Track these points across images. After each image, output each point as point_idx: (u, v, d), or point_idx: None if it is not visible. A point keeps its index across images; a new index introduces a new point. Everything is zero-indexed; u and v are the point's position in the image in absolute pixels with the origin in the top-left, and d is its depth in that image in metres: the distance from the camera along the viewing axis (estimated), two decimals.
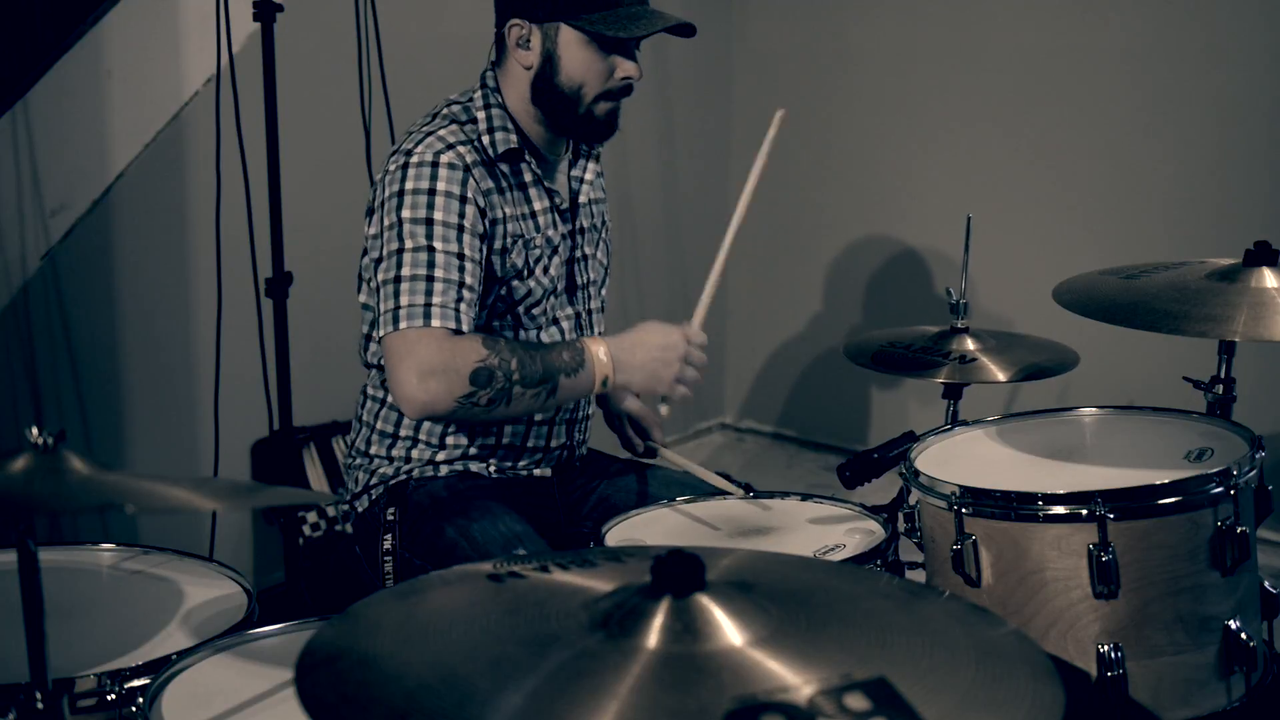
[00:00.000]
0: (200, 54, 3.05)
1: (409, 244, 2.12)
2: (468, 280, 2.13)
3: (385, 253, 2.14)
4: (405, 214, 2.13)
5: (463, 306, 2.11)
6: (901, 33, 4.15)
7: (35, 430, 1.35)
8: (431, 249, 2.11)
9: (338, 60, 3.20)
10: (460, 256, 2.13)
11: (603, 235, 2.45)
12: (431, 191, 2.13)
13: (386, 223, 2.15)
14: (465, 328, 2.11)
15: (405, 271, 2.10)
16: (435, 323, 2.08)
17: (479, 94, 2.26)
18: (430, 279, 2.10)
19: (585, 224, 2.38)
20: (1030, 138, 3.93)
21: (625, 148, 4.08)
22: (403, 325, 2.08)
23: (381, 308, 2.12)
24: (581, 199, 2.37)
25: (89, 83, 2.97)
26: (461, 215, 2.14)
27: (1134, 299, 2.16)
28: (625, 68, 2.21)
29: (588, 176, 2.39)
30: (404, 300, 2.09)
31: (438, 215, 2.13)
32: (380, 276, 2.14)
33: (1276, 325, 2.04)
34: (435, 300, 2.09)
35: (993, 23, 3.96)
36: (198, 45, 3.05)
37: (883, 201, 4.27)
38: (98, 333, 3.05)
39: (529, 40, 2.20)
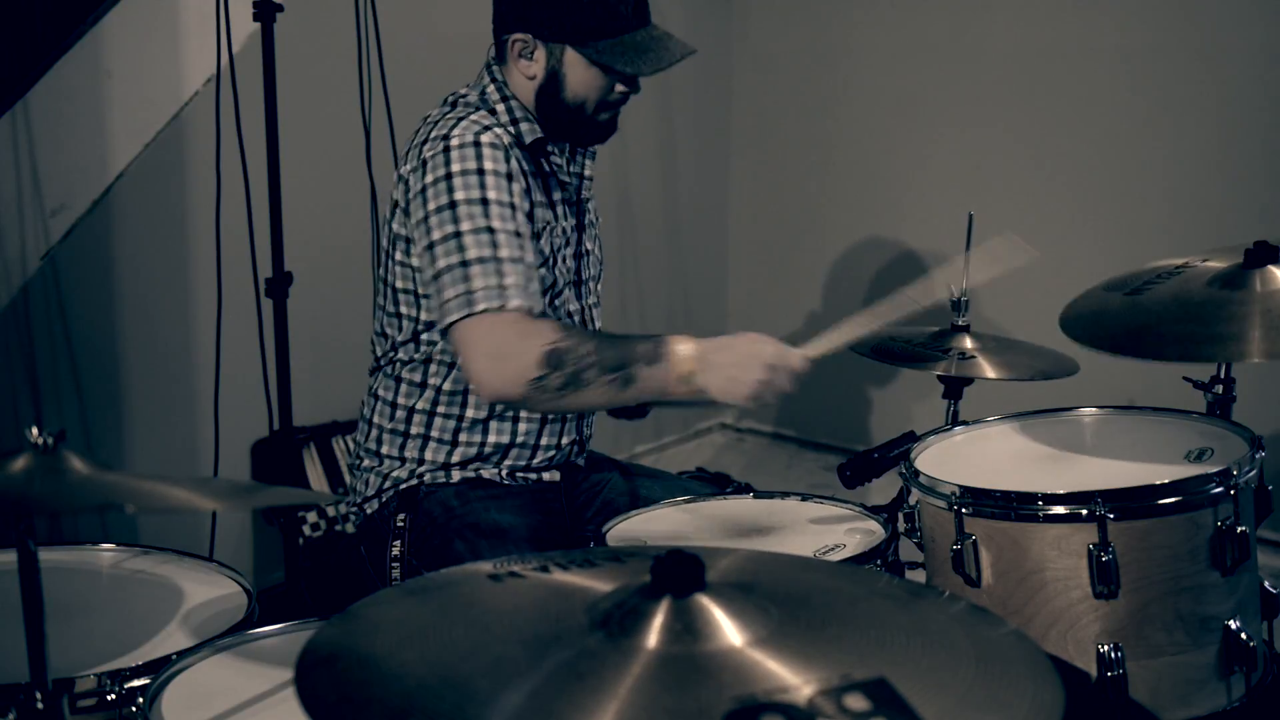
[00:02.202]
0: (200, 54, 3.05)
1: (467, 225, 2.08)
2: (528, 258, 2.10)
3: (439, 237, 2.09)
4: (459, 195, 2.10)
5: (533, 286, 2.09)
6: (902, 33, 4.15)
7: (35, 430, 1.35)
8: (492, 229, 2.08)
9: (338, 60, 3.20)
10: (518, 234, 2.10)
11: (597, 231, 2.45)
12: (480, 171, 2.11)
13: (434, 206, 2.11)
14: (539, 306, 2.09)
15: (471, 254, 2.07)
16: (513, 303, 2.05)
17: (491, 87, 2.25)
18: (498, 259, 2.07)
19: (586, 220, 2.38)
20: (1030, 137, 3.93)
21: (625, 148, 4.08)
22: (479, 308, 2.04)
23: (448, 294, 2.07)
24: (584, 193, 2.38)
25: (89, 83, 2.97)
26: (511, 193, 2.12)
27: (1141, 322, 2.14)
28: (624, 86, 2.23)
29: (586, 173, 2.39)
30: (477, 283, 2.05)
31: (491, 194, 2.10)
32: (440, 263, 2.08)
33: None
34: (509, 281, 2.06)
35: (992, 22, 3.96)
36: (198, 45, 3.05)
37: (883, 201, 4.28)
38: (98, 333, 3.05)
39: (533, 54, 2.20)
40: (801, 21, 4.35)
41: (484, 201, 2.10)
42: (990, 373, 2.45)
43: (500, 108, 2.23)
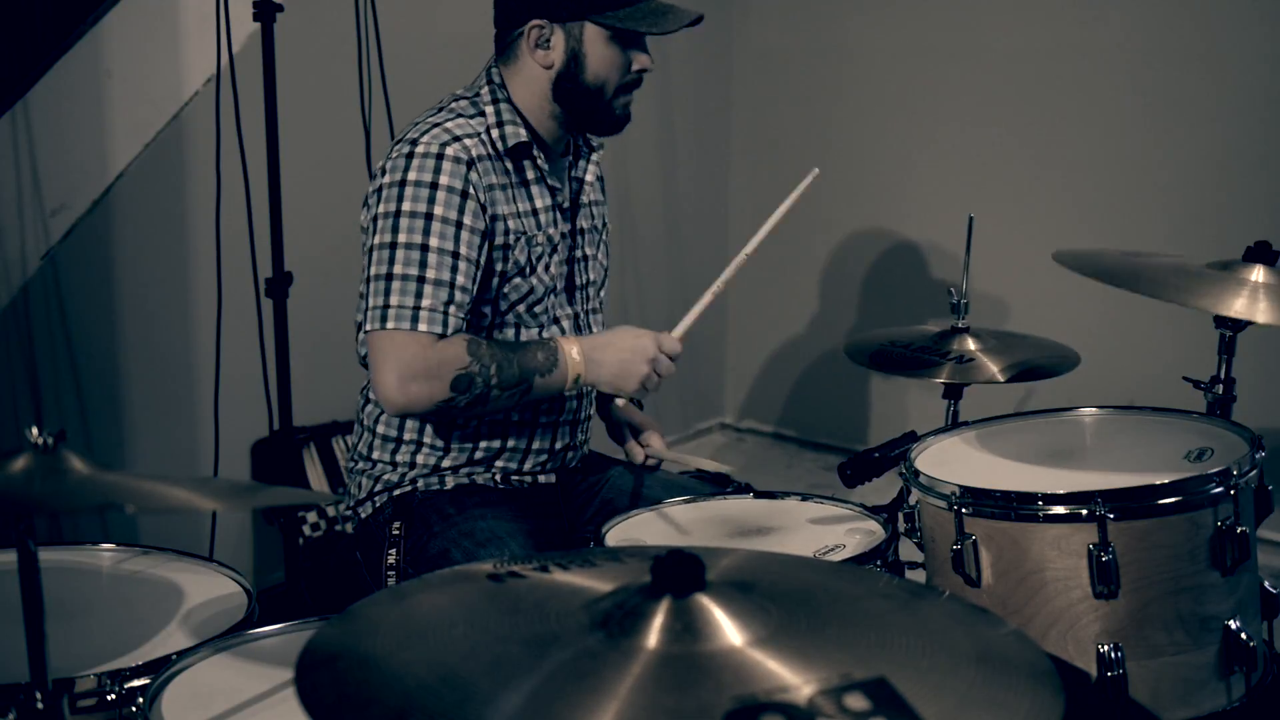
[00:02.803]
0: (200, 54, 3.05)
1: (403, 238, 2.12)
2: (460, 280, 2.13)
3: (378, 243, 2.14)
4: (405, 206, 2.13)
5: (451, 309, 2.12)
6: (902, 32, 4.15)
7: (35, 430, 1.35)
8: (426, 247, 2.11)
9: (338, 60, 3.20)
10: (455, 255, 2.13)
11: (603, 237, 2.45)
12: (434, 185, 2.13)
13: (383, 210, 2.14)
14: (450, 331, 2.12)
15: (397, 269, 2.11)
16: (422, 327, 2.10)
17: (486, 89, 2.26)
18: (421, 279, 2.11)
19: (585, 224, 2.38)
20: (1031, 137, 3.93)
21: (625, 148, 4.08)
22: (390, 325, 2.10)
23: (370, 302, 2.13)
24: (582, 199, 2.37)
25: (89, 83, 2.97)
26: (461, 211, 2.14)
27: (1137, 268, 2.16)
28: (641, 60, 2.24)
29: (588, 178, 2.39)
30: (394, 300, 2.10)
31: (438, 210, 2.13)
32: (372, 270, 2.14)
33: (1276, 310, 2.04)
34: (424, 303, 2.10)
35: (993, 22, 3.96)
36: (198, 45, 3.05)
37: (883, 201, 4.28)
38: (98, 333, 3.05)
39: (549, 40, 2.21)
40: (801, 21, 4.35)
41: (428, 216, 2.12)
42: (992, 374, 2.45)
43: (489, 110, 2.23)
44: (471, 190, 2.15)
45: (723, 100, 4.54)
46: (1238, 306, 2.05)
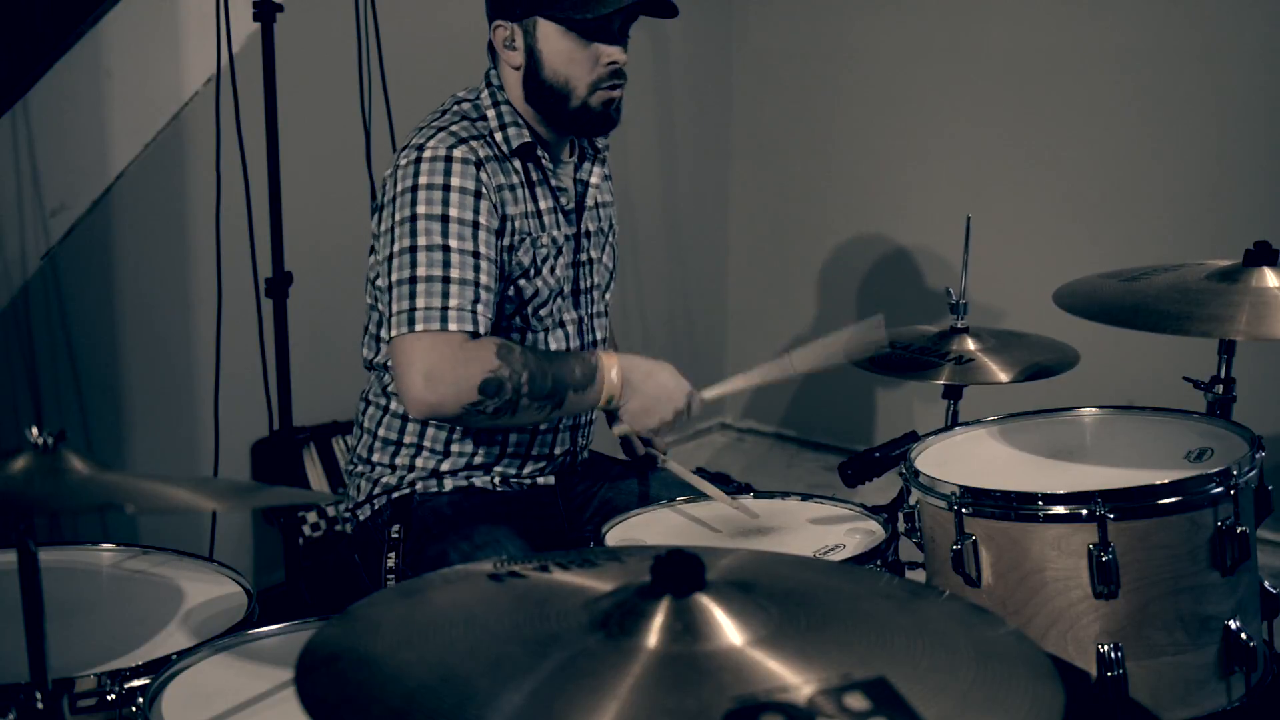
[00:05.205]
0: (200, 54, 3.05)
1: (423, 241, 2.10)
2: (483, 280, 2.11)
3: (397, 249, 2.11)
4: (420, 210, 2.11)
5: (479, 308, 2.10)
6: (901, 33, 4.15)
7: (35, 430, 1.35)
8: (447, 248, 2.10)
9: (338, 60, 3.20)
10: (476, 255, 2.11)
11: (609, 239, 2.43)
12: (446, 187, 2.12)
13: (398, 218, 2.12)
14: (482, 330, 2.10)
15: (420, 271, 2.09)
16: (452, 326, 2.07)
17: (486, 93, 2.25)
18: (446, 280, 2.08)
19: (591, 227, 2.36)
20: (1030, 138, 3.94)
21: (625, 148, 4.08)
22: (418, 328, 2.07)
23: (394, 308, 2.09)
24: (588, 201, 2.36)
25: (89, 83, 2.97)
26: (476, 211, 2.13)
27: (1135, 301, 2.16)
28: (609, 53, 2.18)
29: (594, 180, 2.36)
30: (420, 302, 2.07)
31: (453, 212, 2.11)
32: (394, 276, 2.11)
33: (1278, 324, 2.04)
34: (452, 303, 2.08)
35: (992, 23, 3.96)
36: (198, 45, 3.05)
37: (882, 202, 4.28)
38: (98, 333, 3.05)
39: (513, 40, 2.20)
40: (801, 21, 4.35)
41: (444, 219, 2.10)
42: (992, 375, 2.45)
43: (491, 113, 2.23)
44: (483, 190, 2.14)
45: (723, 100, 4.54)
46: (1241, 328, 2.04)
